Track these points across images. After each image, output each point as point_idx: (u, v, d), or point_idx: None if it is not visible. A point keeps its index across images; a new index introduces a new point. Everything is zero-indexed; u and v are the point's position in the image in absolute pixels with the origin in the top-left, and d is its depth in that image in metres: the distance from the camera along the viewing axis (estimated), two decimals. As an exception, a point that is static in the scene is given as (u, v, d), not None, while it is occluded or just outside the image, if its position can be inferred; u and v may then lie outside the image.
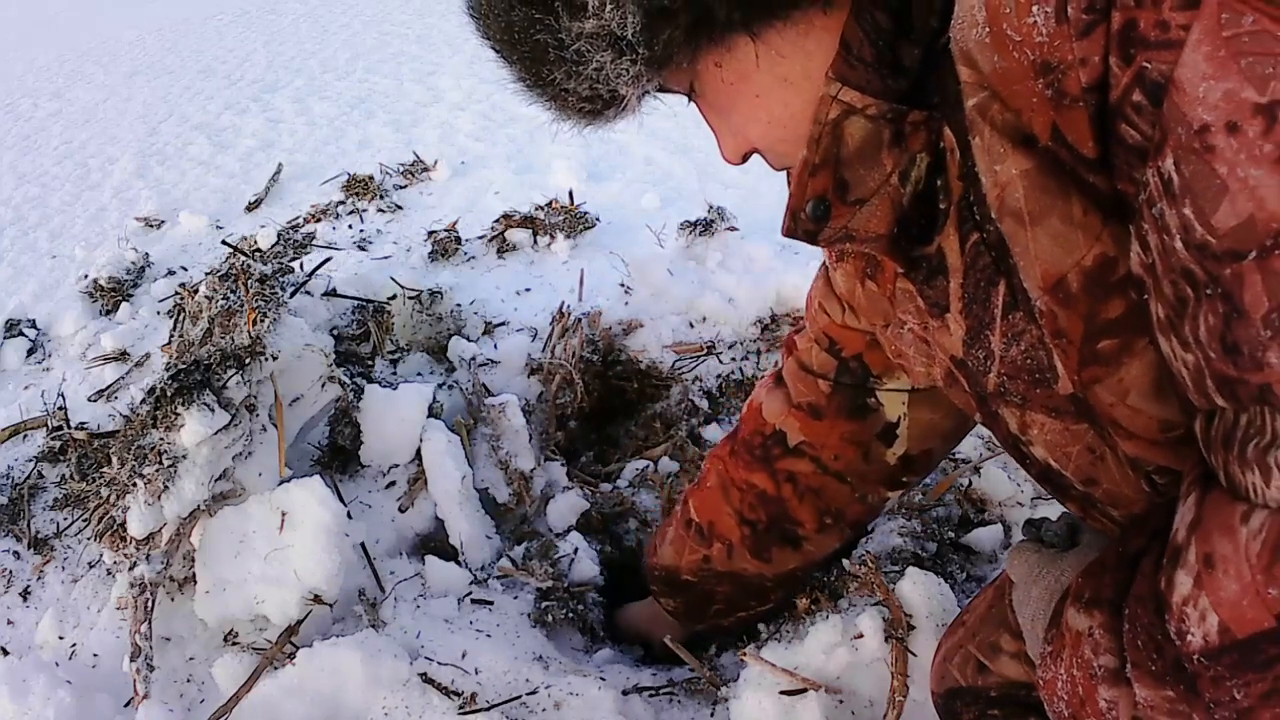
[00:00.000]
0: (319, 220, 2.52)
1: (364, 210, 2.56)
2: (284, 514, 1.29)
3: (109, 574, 1.44)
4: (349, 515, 1.37)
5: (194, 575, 1.32)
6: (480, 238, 2.28)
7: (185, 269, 2.35)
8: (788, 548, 1.17)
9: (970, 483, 1.56)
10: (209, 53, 4.22)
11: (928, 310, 0.74)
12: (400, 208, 2.57)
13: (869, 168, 0.65)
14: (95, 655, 1.32)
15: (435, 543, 1.51)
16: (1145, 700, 0.57)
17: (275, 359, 1.37)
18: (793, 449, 1.10)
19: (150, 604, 1.24)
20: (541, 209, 2.33)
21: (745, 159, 0.75)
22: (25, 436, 1.74)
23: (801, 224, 0.69)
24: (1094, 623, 0.64)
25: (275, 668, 1.21)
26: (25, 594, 1.45)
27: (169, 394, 1.23)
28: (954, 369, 0.76)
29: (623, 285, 2.02)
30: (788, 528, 1.15)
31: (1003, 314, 0.65)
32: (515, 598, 1.40)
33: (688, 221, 2.16)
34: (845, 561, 1.42)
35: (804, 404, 1.07)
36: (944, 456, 1.19)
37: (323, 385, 1.50)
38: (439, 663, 1.23)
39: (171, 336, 1.93)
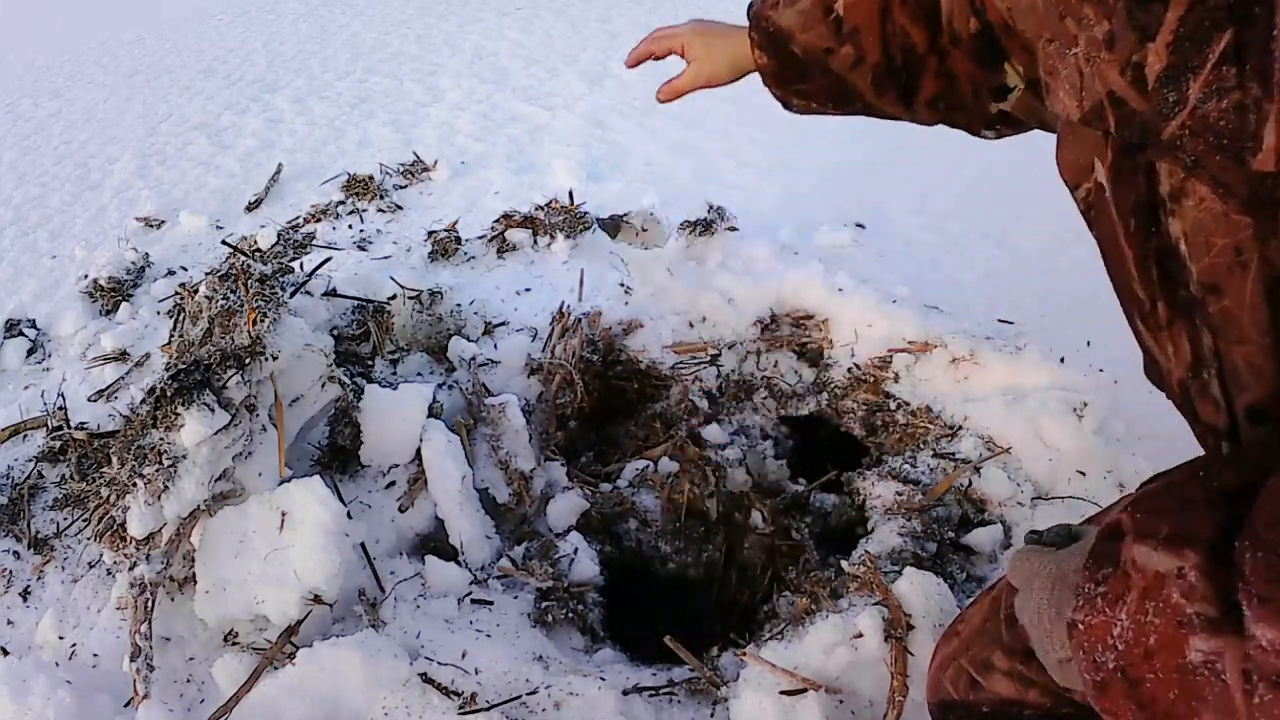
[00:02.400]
0: (319, 220, 2.52)
1: (364, 210, 2.56)
2: (284, 514, 1.30)
3: (109, 574, 1.44)
4: (349, 515, 1.37)
5: (194, 575, 1.32)
6: (480, 238, 2.28)
7: (185, 269, 2.35)
8: (900, 100, 1.15)
9: (970, 483, 1.56)
10: (209, 53, 4.22)
11: (1107, 38, 0.67)
12: (400, 208, 2.56)
13: None
14: (95, 655, 1.32)
15: (435, 543, 1.51)
16: (1273, 643, 0.51)
17: (275, 359, 1.37)
18: (948, 39, 1.07)
19: (150, 604, 1.24)
20: (541, 209, 2.33)
21: None
22: (25, 436, 1.74)
23: None
24: (1185, 564, 0.57)
25: (275, 668, 1.21)
26: (25, 594, 1.45)
27: (169, 394, 1.23)
28: (1108, 105, 0.69)
29: (623, 285, 2.02)
30: (912, 85, 1.12)
31: (1216, 63, 0.60)
32: (515, 598, 1.40)
33: (688, 221, 2.16)
34: (845, 562, 1.43)
35: (953, 25, 1.05)
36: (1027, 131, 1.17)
37: (323, 385, 1.50)
38: (439, 663, 1.23)
39: (171, 336, 1.93)
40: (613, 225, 2.25)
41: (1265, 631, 0.51)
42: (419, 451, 1.53)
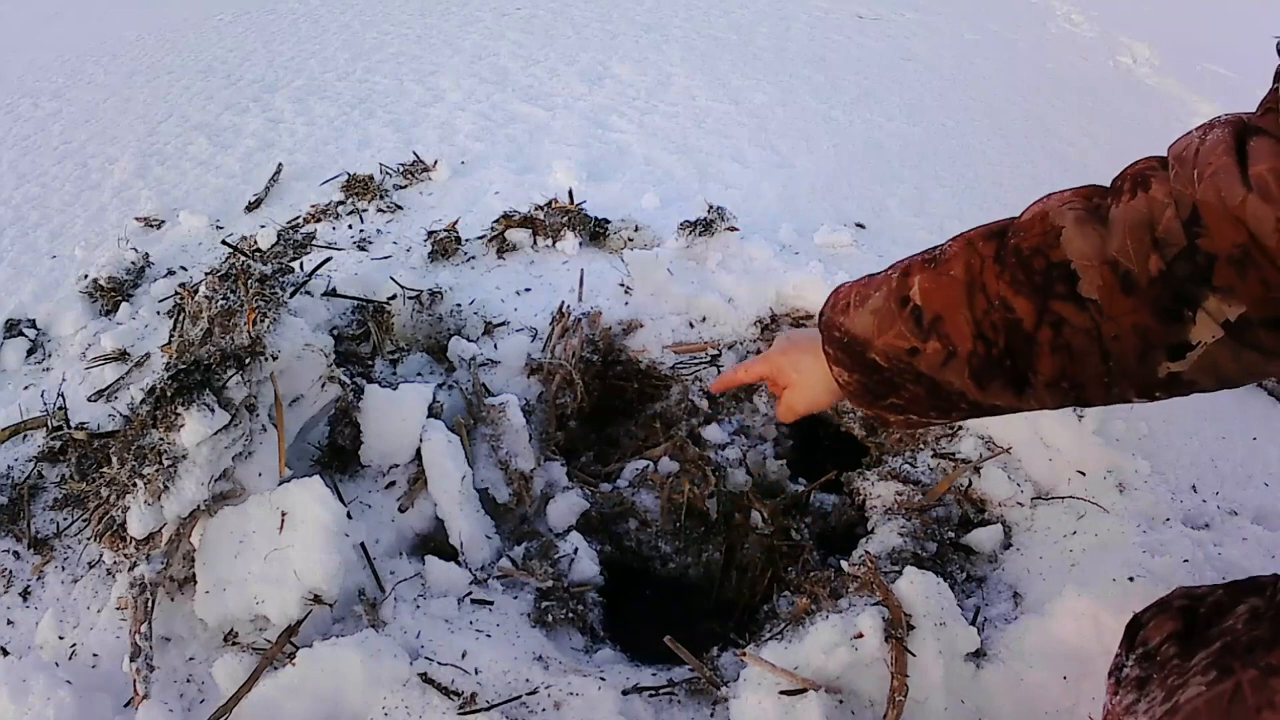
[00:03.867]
0: (319, 220, 2.52)
1: (364, 210, 2.56)
2: (284, 514, 1.30)
3: (109, 574, 1.44)
4: (349, 515, 1.37)
5: (194, 575, 1.32)
6: (480, 238, 2.28)
7: (185, 269, 2.35)
8: (1010, 388, 0.96)
9: (970, 483, 1.56)
10: (209, 53, 4.22)
11: None
12: (400, 208, 2.56)
13: None
14: (95, 655, 1.32)
15: (435, 543, 1.51)
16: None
17: (275, 359, 1.37)
18: (1078, 297, 0.88)
19: (150, 604, 1.24)
20: (541, 209, 2.33)
21: None
22: (25, 436, 1.74)
23: None
24: None
25: (275, 668, 1.21)
26: (25, 594, 1.45)
27: (169, 394, 1.23)
28: None
29: (622, 285, 2.02)
30: (1022, 368, 0.93)
31: None
32: (515, 598, 1.40)
33: (688, 221, 2.16)
34: (845, 562, 1.43)
35: (1120, 264, 0.85)
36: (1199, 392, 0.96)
37: (323, 385, 1.50)
38: (439, 663, 1.23)
39: (171, 336, 1.93)
40: (600, 233, 2.25)
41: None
42: (419, 451, 1.53)
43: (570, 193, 2.42)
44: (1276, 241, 0.74)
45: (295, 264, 1.95)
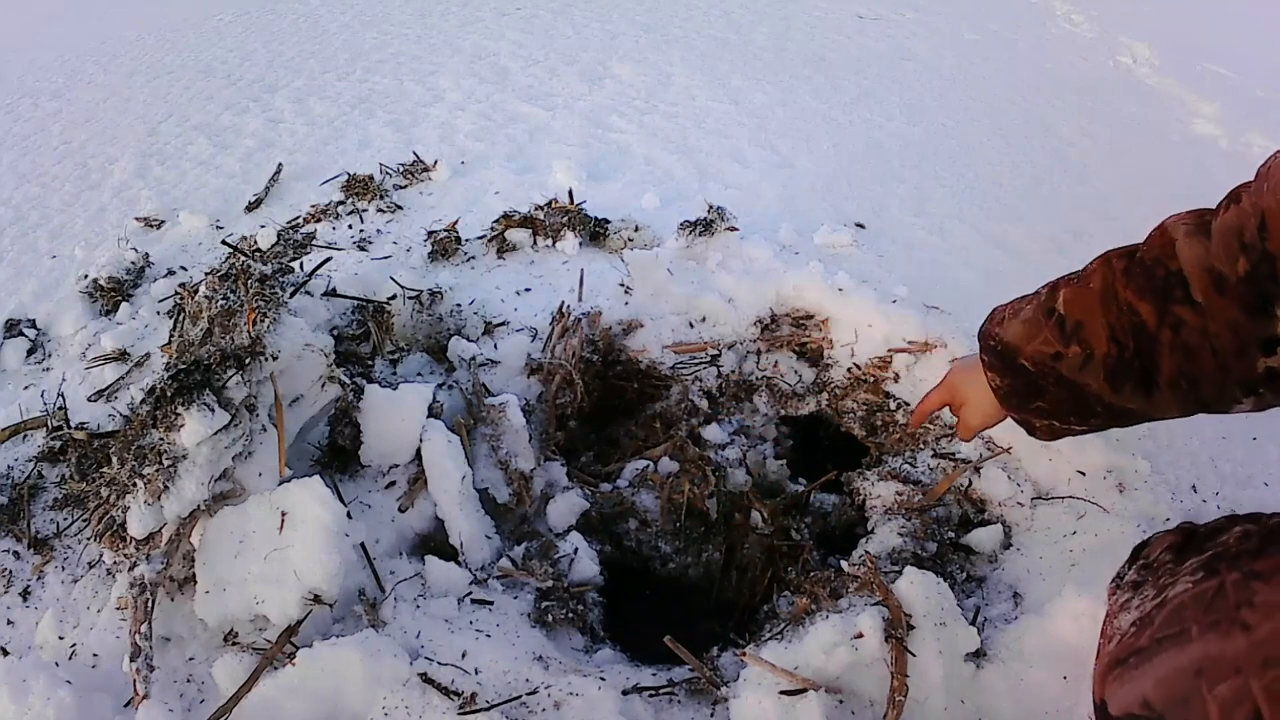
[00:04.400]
0: (319, 220, 2.52)
1: (364, 210, 2.56)
2: (284, 514, 1.30)
3: (109, 574, 1.44)
4: (349, 515, 1.37)
5: (194, 575, 1.32)
6: (480, 238, 2.28)
7: (185, 269, 2.35)
8: (1140, 389, 1.08)
9: (970, 483, 1.56)
10: (209, 53, 4.21)
11: None
12: (400, 208, 2.56)
13: None
14: (95, 655, 1.32)
15: (435, 543, 1.51)
16: None
17: (275, 359, 1.37)
18: (1191, 300, 1.00)
19: (150, 604, 1.24)
20: (541, 209, 2.33)
21: None
22: (25, 436, 1.74)
23: None
24: None
25: (275, 668, 1.21)
26: (25, 594, 1.45)
27: (169, 394, 1.23)
28: None
29: (622, 285, 2.02)
30: (1149, 368, 1.06)
31: None
32: (515, 598, 1.40)
33: (688, 221, 2.16)
34: (845, 562, 1.43)
35: (1215, 268, 0.98)
36: None
37: (323, 385, 1.50)
38: (439, 663, 1.23)
39: (171, 336, 1.93)
40: (600, 233, 2.25)
41: None
42: (419, 451, 1.53)
43: (570, 193, 2.42)
44: None
45: (295, 264, 1.95)
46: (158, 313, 2.14)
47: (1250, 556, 0.88)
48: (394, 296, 1.91)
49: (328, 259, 1.99)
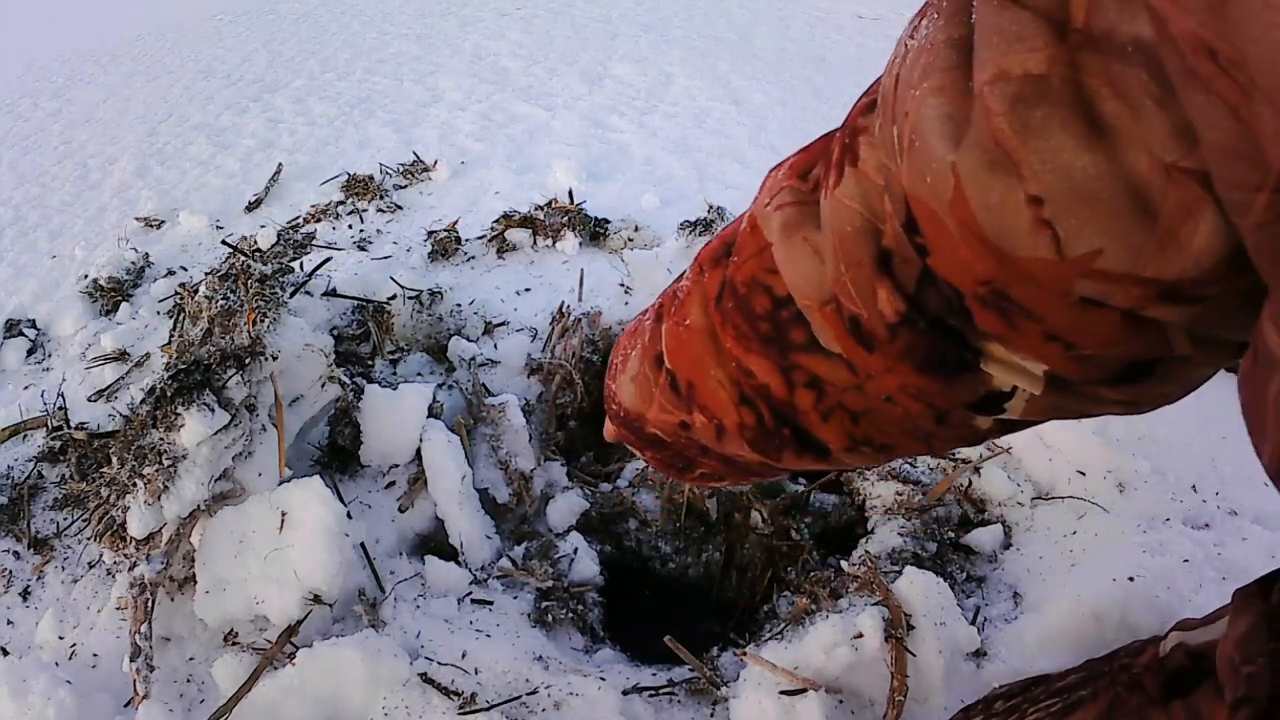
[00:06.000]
0: (319, 220, 2.52)
1: (364, 210, 2.56)
2: (284, 514, 1.30)
3: (109, 574, 1.44)
4: (349, 515, 1.37)
5: (194, 575, 1.32)
6: (480, 238, 2.28)
7: (185, 269, 2.35)
8: (809, 454, 0.69)
9: (970, 483, 1.56)
10: (209, 53, 4.22)
11: None
12: (400, 208, 2.56)
13: None
14: (95, 655, 1.32)
15: (435, 543, 1.51)
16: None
17: (275, 359, 1.37)
18: (821, 349, 0.60)
19: (150, 604, 1.24)
20: (541, 209, 2.33)
21: None
22: (25, 436, 1.74)
23: None
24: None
25: (275, 668, 1.21)
26: (25, 594, 1.45)
27: (169, 394, 1.23)
28: None
29: (623, 285, 2.02)
30: (807, 437, 0.67)
31: None
32: (515, 598, 1.40)
33: (688, 221, 2.16)
34: (845, 562, 1.43)
35: (844, 307, 0.55)
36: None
37: (323, 385, 1.50)
38: (439, 663, 1.23)
39: (171, 336, 1.93)
40: (600, 233, 2.25)
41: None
42: (419, 451, 1.53)
43: (570, 193, 2.42)
44: (1037, 263, 0.41)
45: (295, 264, 1.95)
46: (158, 313, 2.14)
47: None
48: (394, 296, 1.91)
49: (328, 259, 1.99)
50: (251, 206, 2.66)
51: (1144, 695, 0.81)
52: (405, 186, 2.70)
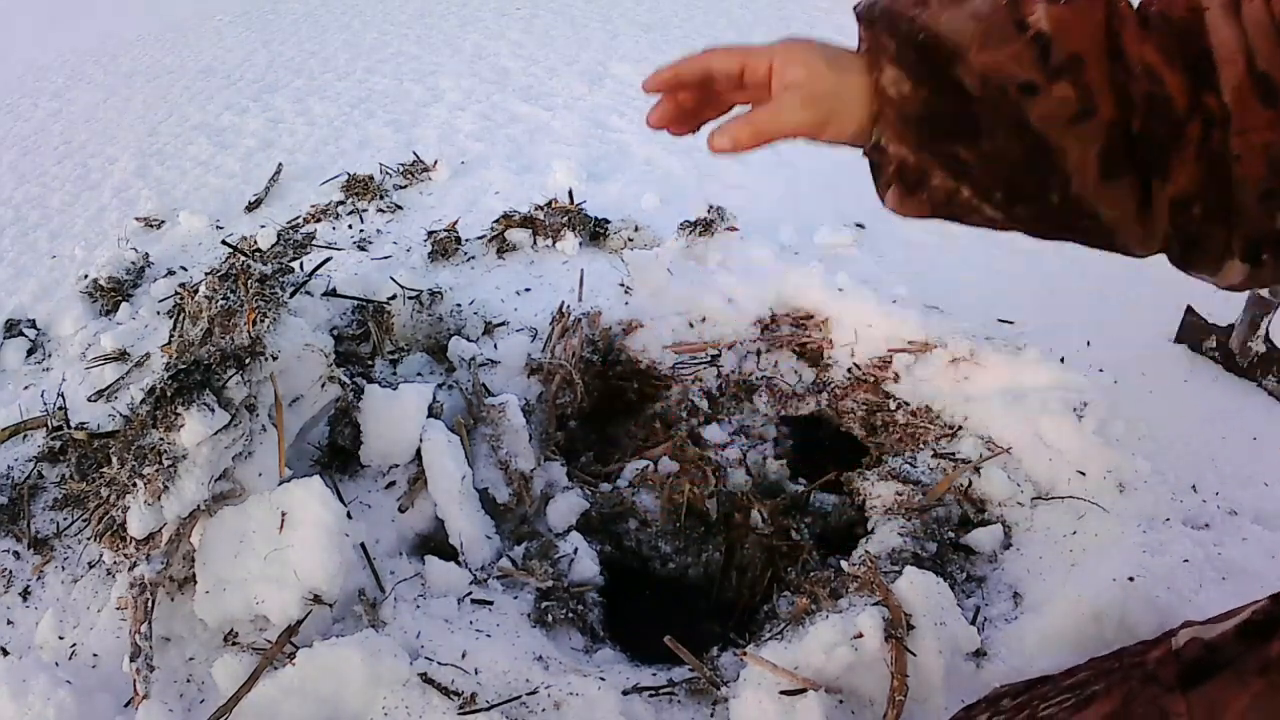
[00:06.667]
0: (319, 220, 2.52)
1: (364, 210, 2.56)
2: (284, 514, 1.29)
3: (109, 574, 1.44)
4: (349, 515, 1.37)
5: (194, 575, 1.32)
6: (480, 238, 2.28)
7: (185, 269, 2.35)
8: (1134, 193, 0.70)
9: (970, 483, 1.56)
10: (209, 53, 4.22)
11: None
12: (400, 208, 2.56)
13: None
14: (95, 655, 1.32)
15: (435, 543, 1.51)
16: None
17: (275, 359, 1.37)
18: (1220, 97, 0.67)
19: (150, 604, 1.24)
20: (541, 209, 2.33)
21: None
22: (25, 436, 1.74)
23: None
24: None
25: (275, 668, 1.21)
26: (25, 594, 1.45)
27: (169, 394, 1.23)
28: None
29: (622, 285, 2.02)
30: (1156, 166, 0.69)
31: None
32: (515, 598, 1.40)
33: (688, 221, 2.16)
34: (845, 562, 1.43)
35: (1258, 67, 0.66)
36: None
37: (323, 385, 1.50)
38: (439, 663, 1.23)
39: (171, 336, 1.93)
40: (600, 233, 2.25)
41: None
42: (419, 451, 1.53)
43: (570, 193, 2.42)
44: None
45: (295, 264, 1.95)
46: (158, 313, 2.14)
47: None
48: (394, 296, 1.91)
49: (328, 259, 1.99)
50: (251, 206, 2.66)
51: (1159, 686, 0.81)
52: (405, 186, 2.70)
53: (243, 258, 1.61)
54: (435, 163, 2.77)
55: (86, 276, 2.27)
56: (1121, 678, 0.89)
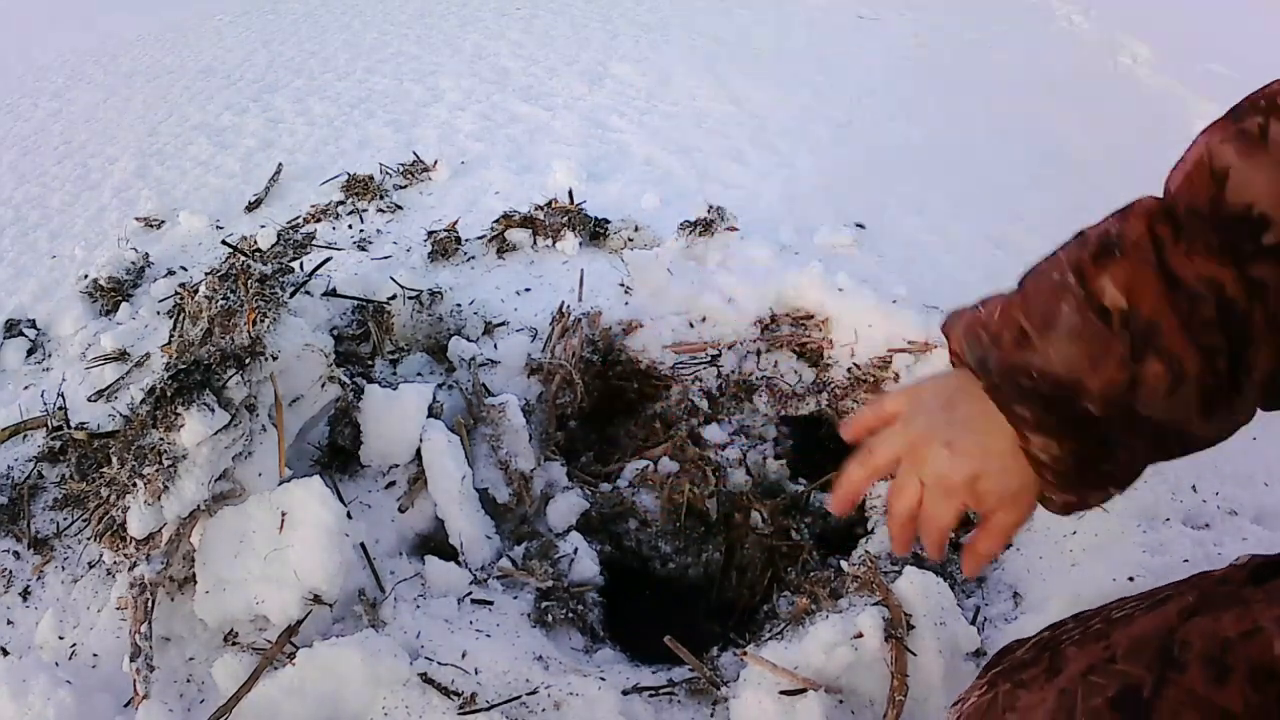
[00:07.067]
0: (319, 220, 2.52)
1: (364, 210, 2.56)
2: (284, 514, 1.30)
3: (109, 574, 1.44)
4: (349, 515, 1.37)
5: (194, 575, 1.32)
6: (480, 238, 2.28)
7: (185, 269, 2.35)
8: (1228, 407, 0.72)
9: (970, 483, 1.55)
10: (209, 53, 4.22)
11: None
12: (400, 208, 2.56)
13: None
14: (95, 655, 1.32)
15: (435, 543, 1.51)
16: None
17: (275, 359, 1.37)
18: (1267, 248, 0.67)
19: (150, 604, 1.24)
20: (541, 209, 2.33)
21: None
22: (25, 436, 1.74)
23: None
24: None
25: (275, 668, 1.21)
26: (25, 594, 1.45)
27: (169, 394, 1.23)
28: None
29: (622, 285, 2.02)
30: (1239, 367, 0.70)
31: None
32: (515, 598, 1.40)
33: (688, 221, 2.16)
34: (845, 562, 1.43)
35: None
36: None
37: (323, 385, 1.50)
38: (439, 663, 1.23)
39: (171, 336, 1.93)
40: (600, 233, 2.25)
41: None
42: (419, 451, 1.53)
43: (570, 193, 2.42)
44: None
45: (295, 264, 1.95)
46: (158, 313, 2.14)
47: (1021, 669, 0.86)
48: (394, 296, 1.91)
49: (328, 259, 1.99)
50: (251, 206, 2.66)
51: (1232, 586, 0.80)
52: (405, 186, 2.70)
53: (243, 258, 1.61)
54: (435, 163, 2.77)
55: (86, 276, 2.27)
56: (1192, 585, 0.87)
